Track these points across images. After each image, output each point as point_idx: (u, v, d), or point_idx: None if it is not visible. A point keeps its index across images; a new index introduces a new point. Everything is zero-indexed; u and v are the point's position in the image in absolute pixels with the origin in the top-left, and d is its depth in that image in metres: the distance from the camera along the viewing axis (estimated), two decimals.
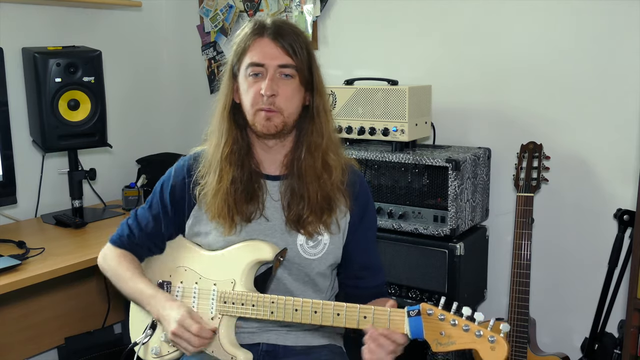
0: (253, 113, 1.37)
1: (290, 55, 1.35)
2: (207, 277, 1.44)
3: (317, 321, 1.29)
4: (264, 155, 1.45)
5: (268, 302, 1.33)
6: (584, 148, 2.13)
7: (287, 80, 1.36)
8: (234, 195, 1.40)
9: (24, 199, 2.46)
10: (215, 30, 2.91)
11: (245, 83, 1.38)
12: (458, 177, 2.00)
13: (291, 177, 1.43)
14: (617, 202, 2.05)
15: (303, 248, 1.44)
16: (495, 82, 2.26)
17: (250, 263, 1.40)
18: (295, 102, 1.39)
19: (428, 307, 1.18)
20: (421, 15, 2.38)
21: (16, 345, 2.37)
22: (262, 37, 1.36)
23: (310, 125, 1.41)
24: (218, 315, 1.40)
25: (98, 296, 2.68)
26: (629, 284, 1.67)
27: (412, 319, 1.19)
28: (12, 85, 2.32)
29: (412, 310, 1.19)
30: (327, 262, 1.46)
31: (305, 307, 1.30)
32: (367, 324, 1.24)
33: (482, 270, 2.28)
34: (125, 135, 2.87)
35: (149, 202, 1.54)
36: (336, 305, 1.27)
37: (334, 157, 1.43)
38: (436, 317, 1.18)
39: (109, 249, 1.54)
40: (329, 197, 1.42)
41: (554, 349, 2.19)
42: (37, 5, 2.48)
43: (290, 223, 1.42)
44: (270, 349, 1.49)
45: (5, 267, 1.81)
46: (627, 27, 1.99)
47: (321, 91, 1.43)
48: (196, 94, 3.06)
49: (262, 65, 1.35)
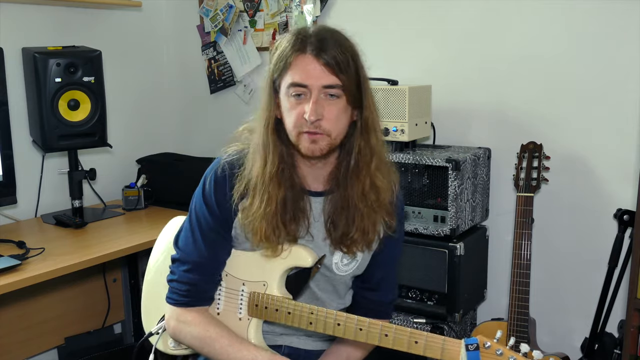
0: (296, 135, 1.26)
1: (336, 73, 1.22)
2: (234, 275, 1.38)
3: (361, 339, 1.23)
4: (307, 171, 1.35)
5: (306, 312, 1.28)
6: (584, 148, 2.13)
7: (333, 100, 1.24)
8: (282, 217, 1.30)
9: (24, 199, 2.46)
10: (215, 30, 2.91)
11: (287, 102, 1.27)
12: (458, 177, 2.00)
13: (336, 194, 1.33)
14: (617, 202, 2.05)
15: (337, 266, 1.39)
16: (495, 82, 2.26)
17: (286, 267, 1.34)
18: (343, 122, 1.27)
19: (485, 340, 1.12)
20: (421, 15, 2.38)
21: (16, 345, 2.37)
22: (304, 53, 1.23)
23: (357, 141, 1.30)
24: (247, 317, 1.35)
25: (98, 296, 2.68)
26: (629, 284, 1.67)
27: (471, 352, 1.12)
28: (12, 85, 2.32)
29: (470, 344, 1.13)
30: (354, 274, 1.44)
31: (350, 324, 1.24)
32: (418, 349, 1.18)
33: (482, 270, 2.28)
34: (125, 135, 2.87)
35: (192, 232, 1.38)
36: (385, 326, 1.22)
37: (382, 179, 1.33)
38: (493, 351, 1.11)
39: (179, 316, 1.37)
40: (375, 218, 1.34)
41: (554, 349, 2.19)
42: (37, 5, 2.48)
43: (333, 241, 1.35)
44: (292, 352, 1.46)
45: (5, 267, 1.81)
46: (627, 27, 1.99)
47: (371, 107, 1.30)
48: (196, 94, 3.06)
49: (305, 86, 1.23)
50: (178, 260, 1.39)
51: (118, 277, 2.77)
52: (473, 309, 2.31)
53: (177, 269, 1.38)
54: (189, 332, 1.35)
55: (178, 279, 1.37)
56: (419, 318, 2.11)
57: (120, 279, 2.77)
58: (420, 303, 2.12)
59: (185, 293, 1.36)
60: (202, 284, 1.37)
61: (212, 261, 1.37)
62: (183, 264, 1.37)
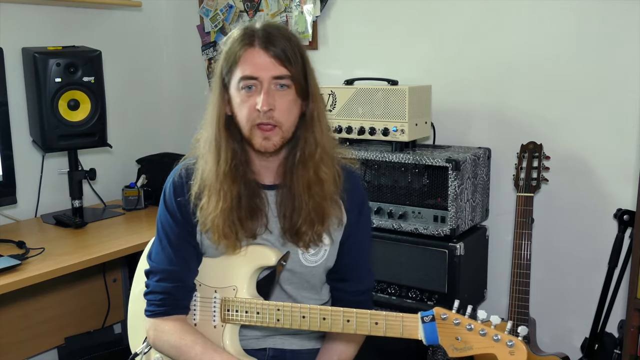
0: (249, 129, 1.28)
1: (285, 64, 1.25)
2: (206, 283, 1.39)
3: (326, 328, 1.25)
4: (261, 165, 1.37)
5: (274, 309, 1.29)
6: (584, 148, 2.13)
7: (283, 91, 1.27)
8: (238, 213, 1.32)
9: (24, 199, 2.46)
10: (215, 30, 2.91)
11: (238, 97, 1.28)
12: (458, 177, 2.00)
13: (284, 187, 1.35)
14: (617, 202, 2.05)
15: (305, 257, 1.39)
16: (495, 82, 2.26)
17: (253, 269, 1.35)
18: (294, 113, 1.30)
19: (442, 312, 1.14)
20: (421, 15, 2.38)
21: (16, 345, 2.37)
22: (252, 47, 1.26)
23: (304, 133, 1.32)
24: (221, 324, 1.36)
25: (98, 296, 2.68)
26: (629, 284, 1.67)
27: (427, 324, 1.14)
28: (12, 85, 2.32)
29: (426, 316, 1.14)
30: (326, 266, 1.43)
31: (313, 314, 1.26)
32: (379, 330, 1.20)
33: (482, 270, 2.28)
34: (125, 135, 2.87)
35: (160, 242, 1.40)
36: (346, 311, 1.24)
37: (326, 170, 1.34)
38: (451, 321, 1.13)
39: (157, 326, 1.38)
40: (322, 209, 1.34)
41: (554, 349, 2.19)
42: (37, 5, 2.48)
43: (286, 234, 1.36)
44: (277, 353, 1.46)
45: (5, 267, 1.81)
46: (627, 27, 1.99)
47: (316, 97, 1.32)
48: (196, 94, 3.06)
49: (255, 78, 1.25)
50: (151, 272, 1.40)
51: (118, 277, 2.77)
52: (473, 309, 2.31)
53: (150, 281, 1.40)
54: (166, 341, 1.35)
55: (152, 289, 1.38)
56: None
57: (120, 279, 2.77)
58: (420, 303, 2.12)
59: (160, 302, 1.37)
60: (176, 292, 1.37)
61: (183, 268, 1.38)
62: (155, 274, 1.39)
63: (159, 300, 1.37)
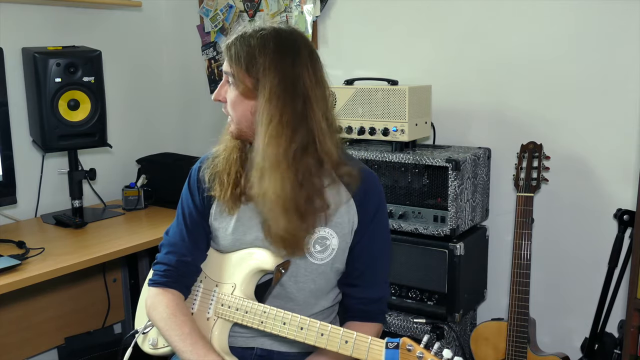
0: None
1: (230, 62, 1.32)
2: (211, 277, 1.45)
3: (301, 338, 1.25)
4: None
5: (260, 312, 1.32)
6: (584, 148, 2.13)
7: (230, 86, 1.35)
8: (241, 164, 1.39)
9: (24, 199, 2.46)
10: (215, 30, 2.91)
11: None
12: (458, 177, 2.00)
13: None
14: (617, 202, 2.05)
15: (310, 252, 1.38)
16: (495, 82, 2.27)
17: (252, 270, 1.39)
18: (239, 110, 1.33)
19: (409, 342, 1.13)
20: (421, 15, 2.38)
21: (16, 345, 2.37)
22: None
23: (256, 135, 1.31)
24: (214, 316, 1.40)
25: (98, 296, 2.68)
26: (629, 284, 1.67)
27: (390, 350, 1.14)
28: (12, 85, 2.32)
29: (391, 342, 1.15)
30: (333, 267, 1.41)
31: (293, 322, 1.27)
32: (347, 349, 1.19)
33: (482, 270, 2.28)
34: (125, 135, 2.87)
35: (177, 218, 1.49)
36: (322, 325, 1.24)
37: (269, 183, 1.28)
38: (414, 354, 1.12)
39: (155, 296, 1.42)
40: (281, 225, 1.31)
41: (554, 349, 2.19)
42: (37, 5, 2.48)
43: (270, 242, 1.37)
44: (264, 354, 1.47)
45: (5, 267, 1.81)
46: (627, 27, 1.99)
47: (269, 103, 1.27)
48: (196, 94, 3.06)
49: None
50: (163, 246, 1.48)
51: (118, 277, 2.77)
52: (473, 309, 2.31)
53: (161, 253, 1.47)
54: (159, 312, 1.39)
55: (159, 260, 1.46)
56: (419, 318, 2.11)
57: (120, 279, 2.78)
58: (420, 303, 2.12)
59: (163, 273, 1.43)
60: (180, 266, 1.43)
61: (192, 244, 1.44)
62: (166, 247, 1.47)
63: (162, 271, 1.43)
